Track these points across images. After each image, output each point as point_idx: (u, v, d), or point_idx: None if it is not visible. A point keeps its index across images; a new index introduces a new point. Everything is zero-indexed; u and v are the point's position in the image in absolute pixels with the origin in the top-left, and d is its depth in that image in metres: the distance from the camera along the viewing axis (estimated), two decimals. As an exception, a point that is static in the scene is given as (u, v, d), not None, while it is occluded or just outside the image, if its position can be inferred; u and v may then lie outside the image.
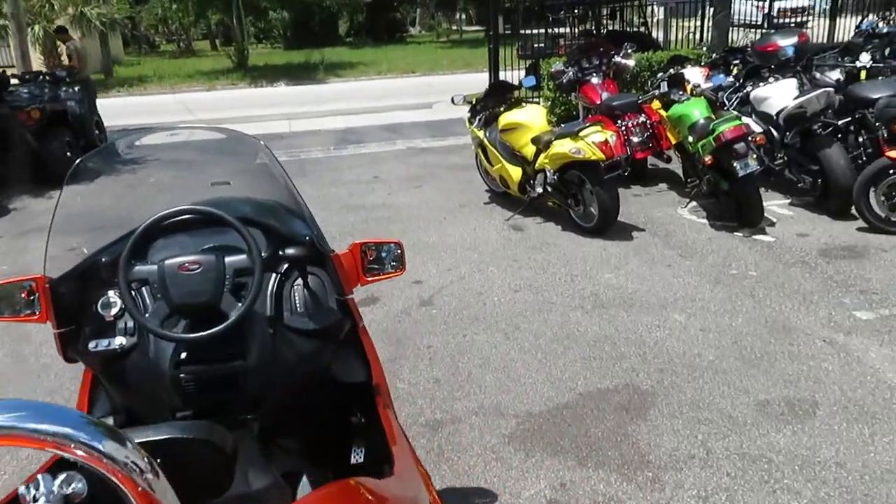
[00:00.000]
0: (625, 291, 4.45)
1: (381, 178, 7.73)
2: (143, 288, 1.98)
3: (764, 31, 11.21)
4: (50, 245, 1.93)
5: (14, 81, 8.71)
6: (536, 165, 5.71)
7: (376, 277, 2.21)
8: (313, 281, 2.17)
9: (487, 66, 11.38)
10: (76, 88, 8.85)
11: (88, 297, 2.03)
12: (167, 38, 43.65)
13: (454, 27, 40.72)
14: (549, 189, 5.65)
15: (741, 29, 14.83)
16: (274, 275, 2.13)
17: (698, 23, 12.31)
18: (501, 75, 10.59)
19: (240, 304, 1.89)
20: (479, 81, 11.59)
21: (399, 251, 2.24)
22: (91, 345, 1.93)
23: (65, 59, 10.70)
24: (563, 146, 5.34)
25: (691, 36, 12.39)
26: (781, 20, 16.71)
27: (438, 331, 4.03)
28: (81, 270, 2.01)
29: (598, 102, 7.03)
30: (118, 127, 12.53)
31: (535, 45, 12.28)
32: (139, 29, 38.36)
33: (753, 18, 15.89)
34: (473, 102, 6.74)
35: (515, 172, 6.00)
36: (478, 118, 6.58)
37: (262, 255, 2.07)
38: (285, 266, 2.14)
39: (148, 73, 21.63)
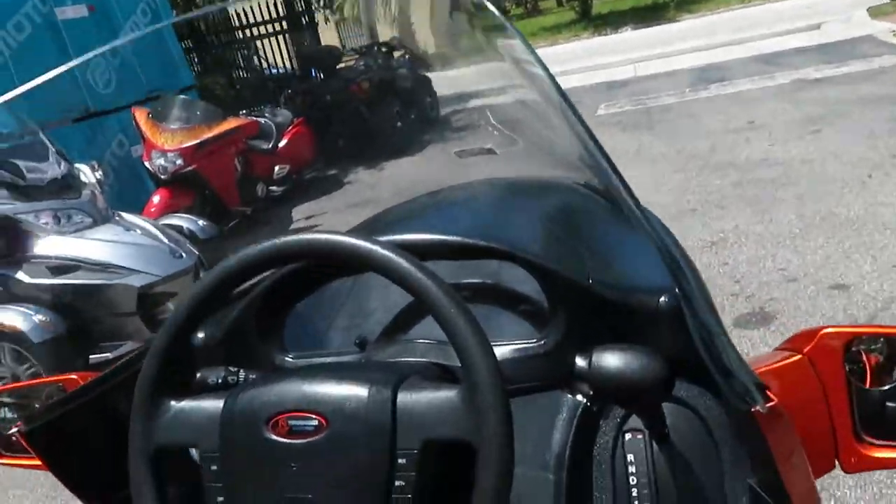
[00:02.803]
0: None
1: (757, 125, 5.73)
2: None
3: None
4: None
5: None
6: None
7: None
8: (693, 448, 0.76)
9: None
10: (406, 57, 8.51)
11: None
12: (515, 2, 44.70)
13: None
14: None
15: None
16: (578, 408, 0.79)
17: None
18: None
19: None
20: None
21: None
22: None
23: None
24: None
25: None
26: None
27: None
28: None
29: None
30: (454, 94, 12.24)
31: None
32: (489, -3, 39.86)
33: None
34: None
35: None
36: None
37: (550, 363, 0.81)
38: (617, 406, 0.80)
39: (493, 38, 21.67)
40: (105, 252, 3.47)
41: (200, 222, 4.38)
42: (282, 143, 6.32)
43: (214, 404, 0.67)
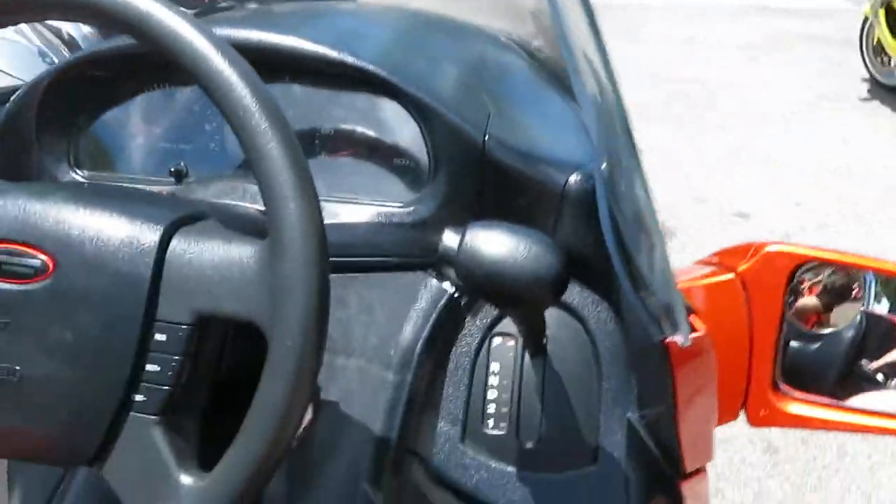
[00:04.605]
0: None
1: (698, 41, 5.58)
2: None
3: None
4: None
5: None
6: None
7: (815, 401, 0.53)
8: (573, 366, 0.60)
9: None
10: None
11: None
12: None
13: None
14: None
15: None
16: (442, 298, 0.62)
17: None
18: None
19: None
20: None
21: None
22: None
23: None
24: None
25: None
26: None
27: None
28: None
29: None
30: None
31: None
32: None
33: None
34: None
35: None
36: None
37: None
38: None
39: None
40: (-43, 40, 2.96)
41: (85, 29, 3.83)
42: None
43: None
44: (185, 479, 0.42)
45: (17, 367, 0.43)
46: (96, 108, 0.70)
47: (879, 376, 0.68)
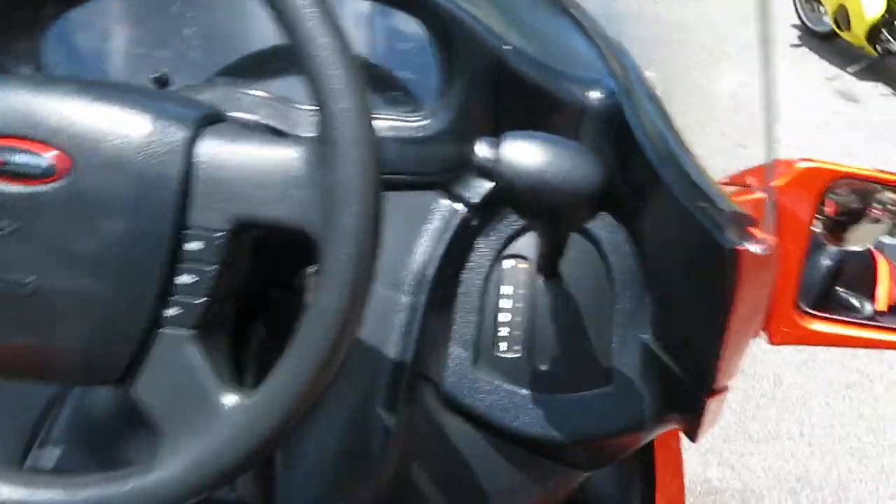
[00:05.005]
0: None
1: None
2: None
3: None
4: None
5: None
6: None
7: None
8: (585, 291, 0.58)
9: None
10: None
11: None
12: None
13: None
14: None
15: None
16: (454, 219, 0.59)
17: None
18: None
19: None
20: None
21: None
22: None
23: None
24: None
25: None
26: None
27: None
28: None
29: None
30: None
31: None
32: None
33: None
34: None
35: (873, 7, 3.72)
36: None
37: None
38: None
39: None
40: None
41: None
42: None
43: None
44: (227, 399, 0.39)
45: (30, 279, 0.38)
46: (61, 4, 0.63)
47: (854, 301, 0.71)
